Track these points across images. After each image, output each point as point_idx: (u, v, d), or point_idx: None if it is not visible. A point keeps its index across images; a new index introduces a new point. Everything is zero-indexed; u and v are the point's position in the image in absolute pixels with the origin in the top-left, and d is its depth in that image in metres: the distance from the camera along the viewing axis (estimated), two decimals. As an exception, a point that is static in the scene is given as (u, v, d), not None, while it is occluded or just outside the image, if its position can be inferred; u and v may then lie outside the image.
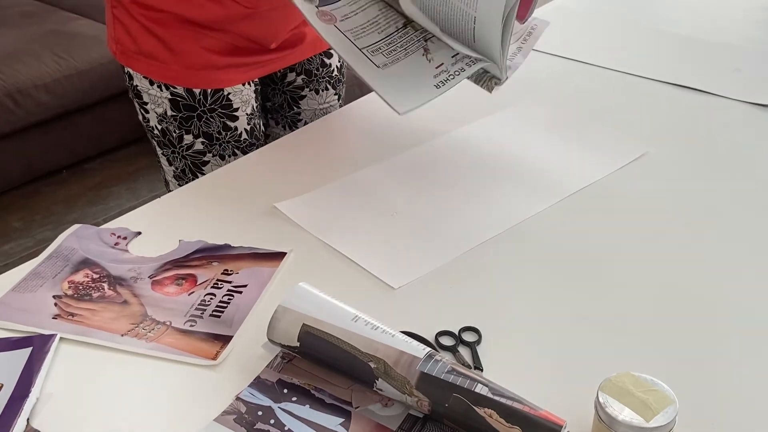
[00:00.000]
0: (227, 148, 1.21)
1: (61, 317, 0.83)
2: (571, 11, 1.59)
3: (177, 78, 1.15)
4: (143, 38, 1.13)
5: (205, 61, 1.14)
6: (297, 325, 0.74)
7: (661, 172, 1.08)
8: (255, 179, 1.08)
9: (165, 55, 1.13)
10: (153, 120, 1.19)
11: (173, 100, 1.16)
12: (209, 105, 1.17)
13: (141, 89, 1.18)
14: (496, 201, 1.01)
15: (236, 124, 1.20)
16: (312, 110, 1.34)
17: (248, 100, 1.21)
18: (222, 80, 1.17)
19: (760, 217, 0.98)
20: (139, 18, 1.12)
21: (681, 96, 1.27)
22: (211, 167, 1.21)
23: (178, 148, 1.20)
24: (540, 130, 1.17)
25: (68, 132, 2.49)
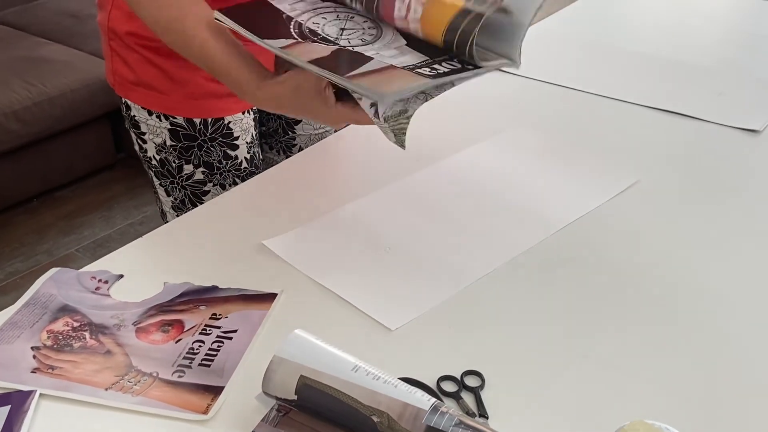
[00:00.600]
0: (228, 177, 1.18)
1: (40, 371, 0.79)
2: (551, 36, 1.58)
3: (177, 108, 1.13)
4: (142, 69, 1.11)
5: (206, 90, 1.12)
6: (294, 376, 0.70)
7: (654, 199, 1.06)
8: (242, 214, 1.04)
9: (165, 85, 1.11)
10: (151, 150, 1.17)
11: (173, 130, 1.14)
12: (210, 134, 1.15)
13: (139, 119, 1.15)
14: (492, 234, 0.99)
15: (237, 152, 1.18)
16: (307, 135, 1.32)
17: (248, 128, 1.19)
18: (222, 109, 1.15)
19: (757, 243, 0.97)
20: (137, 49, 1.10)
21: (667, 121, 1.26)
22: (212, 197, 1.19)
23: (177, 179, 1.18)
24: (531, 157, 1.15)
25: (39, 160, 2.42)
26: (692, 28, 1.62)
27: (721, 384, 0.77)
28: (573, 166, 1.13)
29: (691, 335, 0.83)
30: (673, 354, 0.81)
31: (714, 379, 0.78)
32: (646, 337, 0.83)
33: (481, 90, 1.23)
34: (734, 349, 0.81)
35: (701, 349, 0.81)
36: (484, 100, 1.25)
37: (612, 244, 0.97)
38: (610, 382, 0.77)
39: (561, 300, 0.88)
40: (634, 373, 0.78)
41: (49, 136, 2.40)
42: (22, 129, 2.31)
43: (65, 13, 2.85)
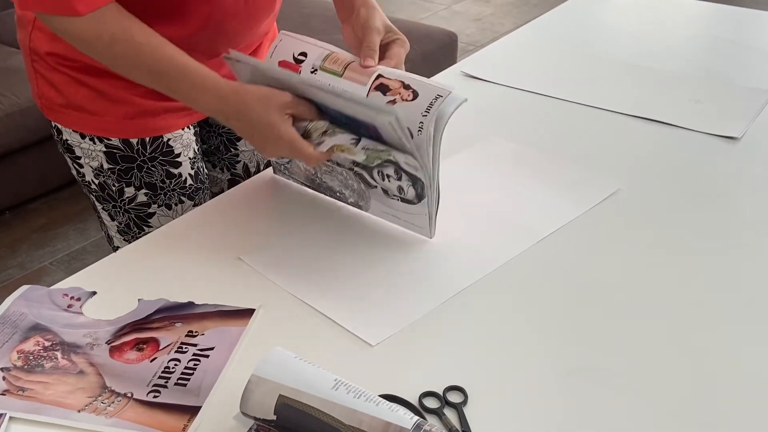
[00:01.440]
0: (173, 197, 1.14)
1: (10, 393, 0.76)
2: (527, 44, 1.58)
3: (111, 129, 1.07)
4: (71, 90, 1.05)
5: (141, 108, 1.07)
6: (273, 396, 0.68)
7: (635, 208, 1.06)
8: (217, 228, 1.02)
9: (97, 106, 1.06)
10: (89, 175, 1.11)
11: (109, 152, 1.08)
12: (149, 154, 1.10)
13: (72, 143, 1.09)
14: (471, 246, 0.98)
15: (180, 170, 1.13)
16: (250, 151, 1.27)
17: (189, 143, 1.14)
18: (161, 127, 1.10)
19: (739, 250, 0.97)
20: (63, 70, 1.04)
21: (645, 128, 1.26)
22: (158, 218, 1.14)
23: (119, 202, 1.12)
24: (509, 167, 1.14)
25: (10, 172, 2.37)
26: (667, 35, 1.63)
27: (710, 395, 0.77)
28: (552, 176, 1.12)
29: (677, 345, 0.83)
30: (660, 366, 0.80)
31: (703, 390, 0.77)
32: (632, 349, 0.82)
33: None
34: (722, 355, 0.81)
35: (688, 360, 0.81)
36: (463, 110, 1.24)
37: (594, 254, 0.97)
38: (596, 397, 0.76)
39: (544, 312, 0.87)
40: (620, 386, 0.78)
41: (21, 147, 2.35)
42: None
43: (37, 22, 2.81)
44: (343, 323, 0.85)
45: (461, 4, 4.23)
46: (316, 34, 2.65)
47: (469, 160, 1.16)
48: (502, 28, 3.88)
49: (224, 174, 1.29)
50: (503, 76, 1.42)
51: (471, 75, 1.43)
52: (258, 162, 1.29)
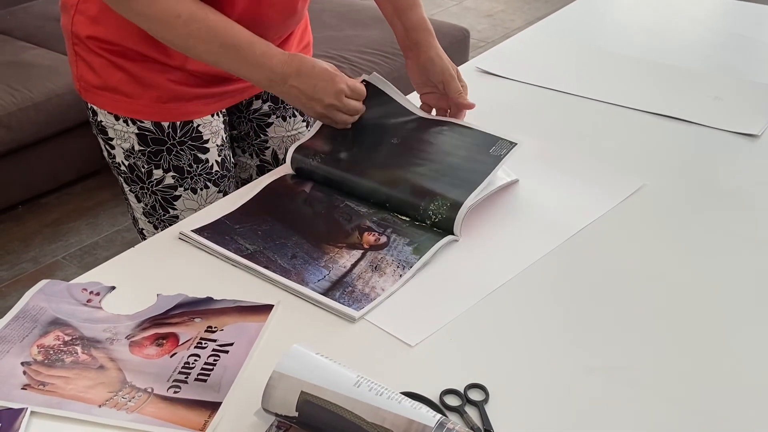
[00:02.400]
0: (199, 181, 1.16)
1: (31, 387, 0.76)
2: (546, 40, 1.57)
3: (145, 112, 1.11)
4: (108, 73, 1.09)
5: (174, 93, 1.11)
6: (295, 392, 0.68)
7: (660, 204, 1.05)
8: (234, 224, 1.02)
9: (132, 89, 1.10)
10: (120, 156, 1.15)
11: (141, 134, 1.12)
12: (179, 138, 1.13)
13: (106, 125, 1.13)
14: (496, 248, 0.97)
15: (207, 156, 1.16)
16: (279, 138, 1.29)
17: (218, 131, 1.17)
18: (191, 112, 1.13)
19: (761, 248, 0.96)
20: (101, 53, 1.08)
21: (666, 125, 1.25)
22: (183, 202, 1.17)
23: (147, 184, 1.16)
24: (533, 165, 1.13)
25: (23, 166, 2.38)
26: (683, 31, 1.61)
27: (734, 395, 0.76)
28: (576, 173, 1.11)
29: (701, 344, 0.82)
30: (684, 365, 0.79)
31: (727, 391, 0.77)
32: (654, 348, 0.82)
33: (478, 96, 1.22)
34: (747, 355, 0.80)
35: (712, 359, 0.80)
36: (481, 106, 1.23)
37: (619, 251, 0.96)
38: (618, 396, 0.76)
39: (567, 311, 0.87)
40: (641, 385, 0.77)
41: (34, 142, 2.36)
42: (6, 135, 2.27)
43: (49, 17, 2.80)
44: (379, 324, 0.84)
45: (472, 0, 4.22)
46: (327, 29, 2.63)
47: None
48: (513, 24, 3.86)
49: (253, 160, 1.31)
50: (519, 73, 1.41)
51: (487, 71, 1.42)
52: (286, 149, 1.30)
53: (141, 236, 1.23)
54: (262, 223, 1.01)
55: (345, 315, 0.85)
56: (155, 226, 1.19)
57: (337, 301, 0.87)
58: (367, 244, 0.96)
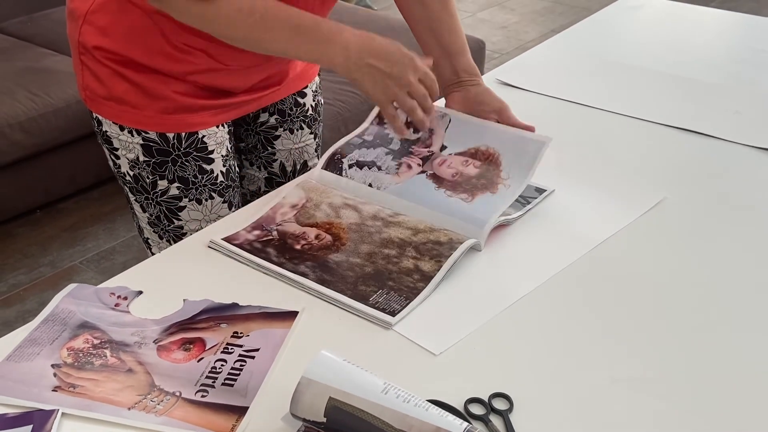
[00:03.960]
0: (203, 192, 1.16)
1: (61, 389, 0.78)
2: (559, 52, 1.58)
3: (149, 123, 1.10)
4: (114, 83, 1.09)
5: (179, 104, 1.10)
6: (323, 398, 0.69)
7: (682, 217, 1.06)
8: (258, 231, 1.03)
9: (137, 100, 1.09)
10: (125, 166, 1.14)
11: (145, 145, 1.11)
12: (184, 149, 1.12)
13: (111, 135, 1.13)
14: (519, 259, 0.98)
15: (212, 166, 1.16)
16: (287, 150, 1.30)
17: (223, 141, 1.17)
18: (196, 123, 1.13)
19: (780, 268, 0.97)
20: (108, 63, 1.08)
21: (684, 139, 1.25)
22: (188, 212, 1.17)
23: (151, 194, 1.15)
24: (553, 177, 1.14)
25: (42, 171, 2.41)
26: (704, 46, 1.62)
27: (760, 409, 0.76)
28: (597, 186, 1.12)
29: (726, 357, 0.82)
30: (708, 377, 0.80)
31: (755, 403, 0.77)
32: (680, 359, 0.82)
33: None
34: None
35: (736, 370, 0.81)
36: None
37: (641, 263, 0.97)
38: (642, 407, 0.76)
39: (591, 321, 0.88)
40: (666, 397, 0.78)
41: (54, 147, 2.39)
42: (26, 140, 2.30)
43: (70, 24, 2.85)
44: (404, 333, 0.85)
45: (486, 12, 4.24)
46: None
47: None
48: (527, 36, 3.88)
49: (261, 172, 1.31)
50: (538, 85, 1.43)
51: (506, 83, 1.43)
52: (294, 161, 1.31)
53: (146, 245, 1.23)
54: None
55: (381, 321, 0.87)
56: (160, 236, 1.19)
57: (374, 308, 0.88)
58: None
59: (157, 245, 1.20)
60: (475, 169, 1.09)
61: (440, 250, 0.97)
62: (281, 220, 1.05)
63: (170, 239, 1.18)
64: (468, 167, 1.09)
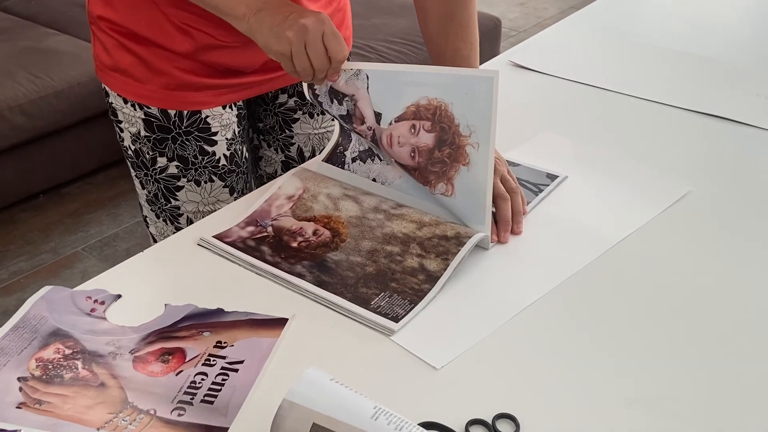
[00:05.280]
0: (203, 174, 1.12)
1: (26, 405, 0.71)
2: (576, 32, 1.49)
3: (151, 97, 1.07)
4: (119, 54, 1.06)
5: (182, 81, 1.06)
6: (306, 423, 0.62)
7: (708, 212, 0.97)
8: (249, 228, 0.96)
9: (141, 73, 1.06)
10: (127, 140, 1.12)
11: (147, 120, 1.08)
12: (185, 127, 1.08)
13: (116, 107, 1.10)
14: (529, 260, 0.90)
15: (214, 149, 1.11)
16: (306, 135, 1.23)
17: (229, 124, 1.12)
18: (199, 102, 1.08)
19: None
20: (112, 34, 1.05)
21: (709, 125, 1.16)
22: (186, 193, 1.12)
23: (151, 171, 1.12)
24: (568, 167, 1.06)
25: (44, 155, 2.35)
26: (727, 24, 1.52)
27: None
28: (615, 176, 1.04)
29: (755, 374, 0.75)
30: (734, 397, 0.72)
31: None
32: (704, 378, 0.74)
33: (511, 91, 1.15)
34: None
35: (764, 389, 0.73)
36: (514, 102, 1.16)
37: (664, 266, 0.89)
38: (655, 426, 0.69)
39: (607, 333, 0.80)
40: (688, 419, 0.70)
41: (56, 130, 2.33)
42: (27, 123, 2.24)
43: (74, 2, 2.77)
44: (404, 344, 0.78)
45: (504, -12, 4.12)
46: (353, 17, 2.54)
47: (522, 158, 1.08)
48: (546, 13, 3.76)
49: (278, 155, 1.26)
50: (553, 66, 1.34)
51: (519, 65, 1.34)
52: (313, 147, 1.25)
53: (145, 223, 1.20)
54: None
55: (383, 327, 0.80)
56: (157, 215, 1.16)
57: (375, 312, 0.82)
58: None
59: (154, 224, 1.17)
60: (428, 133, 0.94)
61: (447, 246, 0.90)
62: (277, 213, 0.99)
63: (166, 219, 1.15)
64: (420, 135, 0.94)
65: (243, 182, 1.17)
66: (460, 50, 1.04)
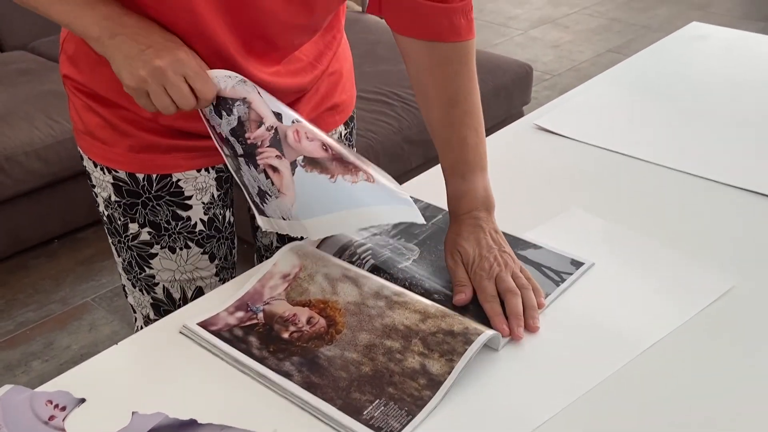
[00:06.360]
0: (178, 240, 1.04)
1: None
2: (611, 90, 1.38)
3: (118, 161, 1.00)
4: (87, 116, 1.00)
5: (149, 143, 0.98)
6: None
7: (754, 312, 0.85)
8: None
9: (107, 135, 0.99)
10: (101, 205, 1.06)
11: (116, 184, 1.01)
12: (155, 192, 1.01)
13: (89, 170, 1.04)
14: (546, 367, 0.80)
15: (189, 213, 1.03)
16: None
17: (205, 188, 1.04)
18: (168, 165, 1.00)
19: None
20: (79, 95, 0.99)
21: (762, 207, 1.05)
22: (160, 260, 1.05)
23: (123, 238, 1.05)
24: (595, 251, 0.95)
25: (60, 200, 2.30)
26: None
27: None
28: (650, 266, 0.93)
29: None
30: None
31: None
32: None
33: (535, 158, 1.05)
34: None
35: None
36: (539, 171, 1.06)
37: (706, 374, 0.77)
38: None
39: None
40: None
41: (72, 175, 2.28)
42: (43, 168, 2.20)
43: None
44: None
45: (539, 29, 4.03)
46: (381, 62, 2.44)
47: (545, 239, 0.97)
48: (581, 56, 3.66)
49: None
50: (583, 131, 1.23)
51: (546, 129, 1.24)
52: None
53: (124, 293, 1.13)
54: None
55: None
56: (133, 284, 1.08)
57: (367, 426, 0.72)
58: None
59: (132, 294, 1.10)
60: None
61: (453, 344, 0.79)
62: (269, 296, 0.90)
63: (142, 288, 1.08)
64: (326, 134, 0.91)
65: (226, 248, 1.09)
66: (467, 138, 0.95)
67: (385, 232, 1.01)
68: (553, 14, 4.22)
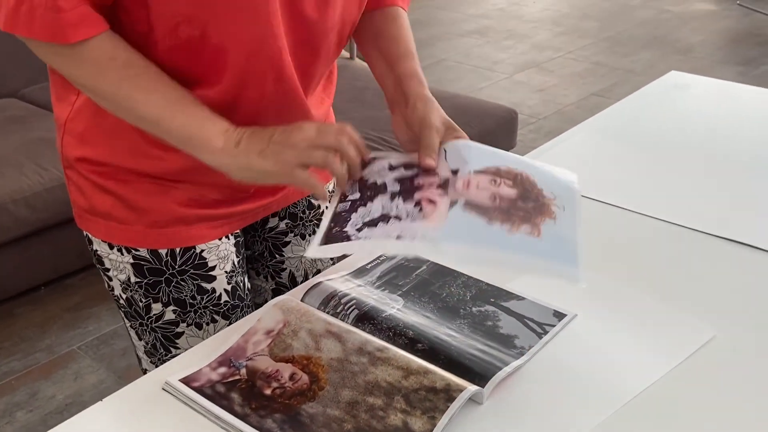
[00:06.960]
0: (204, 315, 1.02)
1: None
2: (595, 137, 1.41)
3: (139, 239, 0.98)
4: (99, 198, 0.97)
5: (171, 216, 0.97)
6: None
7: (735, 362, 0.86)
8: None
9: (124, 214, 0.97)
10: (117, 289, 1.02)
11: (136, 264, 0.98)
12: (179, 267, 0.99)
13: (101, 254, 1.01)
14: (529, 421, 0.80)
15: (213, 285, 1.02)
16: (297, 258, 1.15)
17: (227, 255, 1.03)
18: (194, 237, 0.99)
19: None
20: (89, 176, 0.97)
21: (743, 256, 1.06)
22: (186, 339, 1.02)
23: (146, 320, 1.02)
24: (579, 302, 0.96)
25: (48, 247, 2.30)
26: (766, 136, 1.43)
27: None
28: (630, 316, 0.94)
29: None
30: None
31: None
32: None
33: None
34: None
35: None
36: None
37: (685, 420, 0.78)
38: None
39: None
40: None
41: (61, 222, 2.29)
42: (31, 216, 2.20)
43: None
44: None
45: (524, 74, 4.10)
46: (368, 108, 2.49)
47: (527, 289, 0.98)
48: (566, 99, 3.71)
49: (268, 283, 1.17)
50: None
51: (529, 178, 1.26)
52: (306, 271, 1.16)
53: (141, 370, 1.09)
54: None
55: None
56: (157, 365, 1.05)
57: None
58: None
59: None
60: (509, 189, 0.88)
61: (434, 402, 0.80)
62: (253, 352, 0.90)
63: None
64: (500, 187, 0.88)
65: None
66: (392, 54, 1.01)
67: (369, 283, 1.02)
68: (538, 58, 4.29)
